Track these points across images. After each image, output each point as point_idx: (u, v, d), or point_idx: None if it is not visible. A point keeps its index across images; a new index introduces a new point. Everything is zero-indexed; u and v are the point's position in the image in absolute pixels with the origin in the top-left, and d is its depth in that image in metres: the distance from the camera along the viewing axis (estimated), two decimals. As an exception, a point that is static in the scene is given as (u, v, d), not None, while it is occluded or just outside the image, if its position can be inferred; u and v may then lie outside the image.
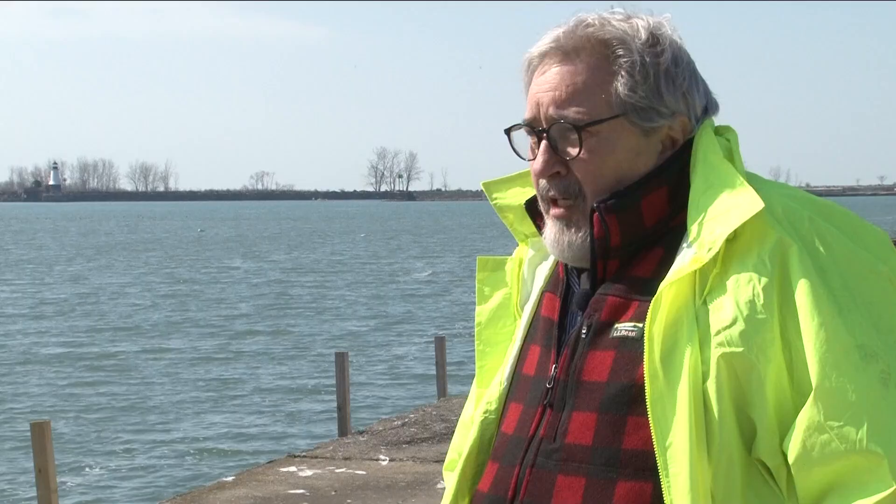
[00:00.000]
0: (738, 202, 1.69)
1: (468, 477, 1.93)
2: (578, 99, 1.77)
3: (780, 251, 1.67)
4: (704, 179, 1.76)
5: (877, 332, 1.65)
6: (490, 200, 2.01)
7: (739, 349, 1.63)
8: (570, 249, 1.80)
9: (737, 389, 1.65)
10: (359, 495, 9.55)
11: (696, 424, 1.64)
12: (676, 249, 1.74)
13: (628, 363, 1.72)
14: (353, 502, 9.34)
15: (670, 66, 1.79)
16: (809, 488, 1.63)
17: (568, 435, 1.75)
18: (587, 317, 1.79)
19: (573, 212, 1.80)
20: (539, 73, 1.82)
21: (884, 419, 1.60)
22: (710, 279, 1.68)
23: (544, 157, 1.80)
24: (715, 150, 1.79)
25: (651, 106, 1.77)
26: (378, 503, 9.31)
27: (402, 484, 9.87)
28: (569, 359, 1.79)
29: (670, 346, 1.67)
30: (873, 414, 1.60)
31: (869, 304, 1.67)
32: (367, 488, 9.80)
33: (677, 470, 1.63)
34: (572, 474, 1.73)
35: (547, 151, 1.79)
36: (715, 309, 1.66)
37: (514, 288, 1.99)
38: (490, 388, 1.95)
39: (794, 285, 1.64)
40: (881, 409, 1.60)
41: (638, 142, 1.78)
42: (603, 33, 1.78)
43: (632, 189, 1.77)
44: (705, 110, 1.84)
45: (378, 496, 9.50)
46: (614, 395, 1.71)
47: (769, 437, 1.64)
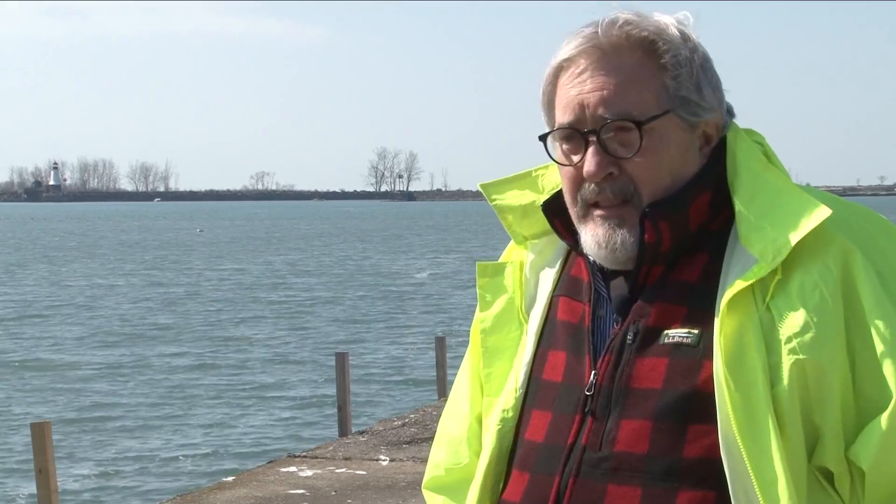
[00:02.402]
0: (801, 208, 1.68)
1: (489, 487, 1.87)
2: (628, 96, 1.74)
3: (844, 257, 1.66)
4: (751, 184, 1.74)
5: None
6: (489, 202, 1.97)
7: (812, 356, 1.62)
8: (622, 249, 1.75)
9: (805, 395, 1.63)
10: (359, 495, 9.54)
11: (775, 431, 1.62)
12: (721, 254, 1.73)
13: (686, 370, 1.69)
14: (354, 502, 9.34)
15: (704, 61, 1.78)
16: (881, 494, 1.62)
17: (617, 443, 1.71)
18: (632, 322, 1.75)
19: (625, 211, 1.75)
20: (574, 74, 1.77)
21: None
22: (771, 286, 1.66)
23: (597, 159, 1.74)
24: (756, 155, 1.78)
25: (695, 101, 1.76)
26: (378, 503, 9.31)
27: (403, 484, 9.87)
28: (612, 365, 1.75)
29: (738, 354, 1.65)
30: None
31: None
32: (367, 488, 9.79)
33: (773, 477, 1.60)
34: (626, 484, 1.69)
35: (598, 153, 1.74)
36: (782, 315, 1.65)
37: (518, 292, 1.94)
38: (503, 396, 1.88)
39: (861, 292, 1.64)
40: None
41: (686, 138, 1.77)
42: (641, 30, 1.75)
43: (682, 193, 1.74)
44: (728, 110, 1.83)
45: (378, 496, 9.50)
46: (672, 403, 1.68)
47: (835, 443, 1.63)
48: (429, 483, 2.03)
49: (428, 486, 2.02)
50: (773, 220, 1.68)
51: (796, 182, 1.79)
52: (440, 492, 2.00)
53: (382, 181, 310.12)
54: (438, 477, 2.01)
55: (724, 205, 1.76)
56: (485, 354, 1.94)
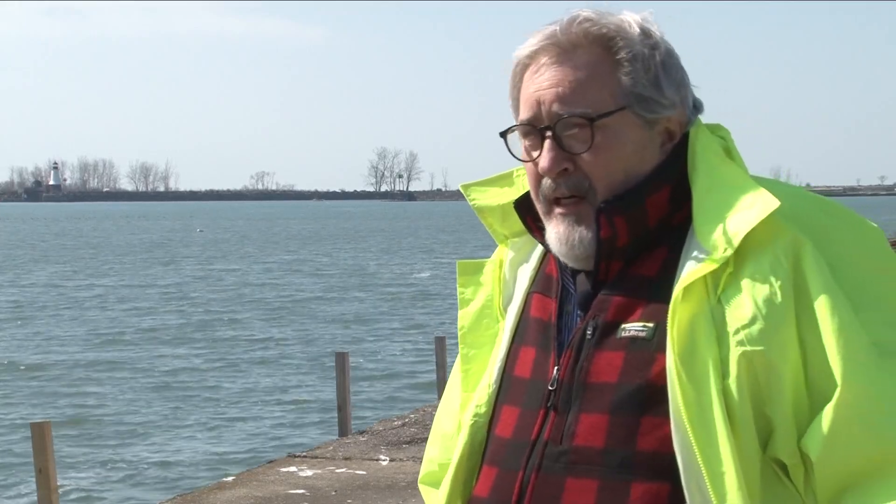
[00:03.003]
0: (752, 201, 1.69)
1: (460, 482, 1.90)
2: (583, 93, 1.76)
3: (795, 249, 1.67)
4: (707, 179, 1.75)
5: (891, 328, 1.66)
6: (469, 202, 2.00)
7: (760, 347, 1.63)
8: (580, 245, 1.77)
9: (755, 387, 1.64)
10: (359, 495, 9.55)
11: (726, 423, 1.63)
12: (680, 248, 1.74)
13: (640, 364, 1.71)
14: (354, 502, 9.34)
15: (665, 58, 1.79)
16: (831, 484, 1.63)
17: (576, 437, 1.73)
18: (591, 317, 1.77)
19: (581, 208, 1.78)
20: (534, 71, 1.80)
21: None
22: (723, 278, 1.67)
23: (551, 155, 1.77)
24: (715, 149, 1.80)
25: (653, 98, 1.77)
26: (378, 503, 9.31)
27: (403, 484, 9.87)
28: (573, 360, 1.77)
29: (690, 347, 1.66)
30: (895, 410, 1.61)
31: (880, 300, 1.68)
32: (367, 488, 9.79)
33: (724, 469, 1.62)
34: (583, 477, 1.71)
35: (553, 148, 1.77)
36: (732, 307, 1.66)
37: (496, 289, 1.97)
38: (477, 392, 1.91)
39: (810, 283, 1.65)
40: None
41: (643, 134, 1.78)
42: (600, 27, 1.77)
43: (638, 189, 1.76)
44: (693, 106, 1.84)
45: (378, 496, 9.50)
46: (627, 396, 1.70)
47: (787, 434, 1.64)
48: (424, 478, 2.06)
49: (423, 481, 2.06)
50: (724, 214, 1.70)
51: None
52: (435, 486, 2.02)
53: (382, 181, 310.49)
54: (433, 472, 2.04)
55: (685, 200, 1.77)
56: (463, 351, 1.98)
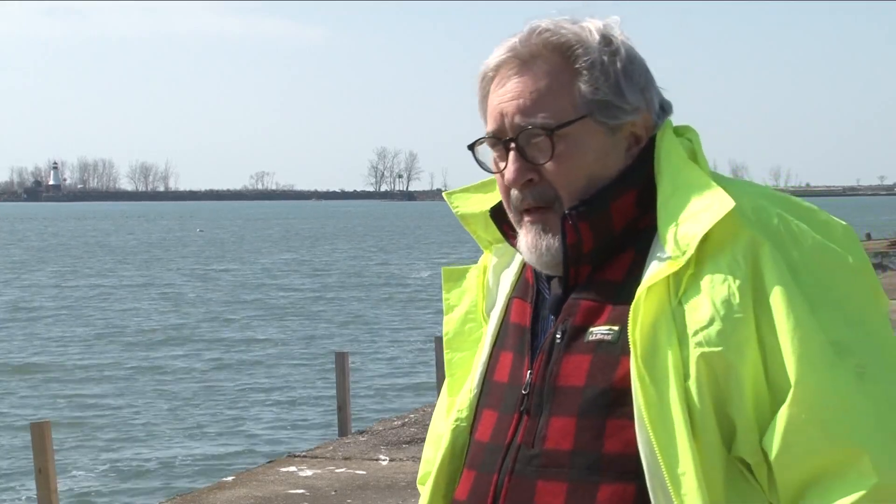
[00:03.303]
0: (709, 203, 1.71)
1: (441, 486, 1.93)
2: (543, 104, 1.78)
3: (753, 250, 1.69)
4: (671, 182, 1.77)
5: (849, 327, 1.67)
6: (452, 209, 2.02)
7: (718, 348, 1.65)
8: (548, 253, 1.80)
9: (716, 388, 1.66)
10: (359, 495, 9.55)
11: (687, 424, 1.65)
12: (647, 252, 1.76)
13: (605, 367, 1.73)
14: (353, 502, 9.34)
15: (627, 63, 1.81)
16: (790, 484, 1.65)
17: (547, 440, 1.75)
18: (561, 322, 1.80)
19: (548, 216, 1.80)
20: (497, 84, 1.83)
21: (862, 413, 1.62)
22: (683, 280, 1.70)
23: (515, 166, 1.80)
24: (678, 151, 1.81)
25: (614, 104, 1.79)
26: (378, 503, 9.32)
27: (403, 484, 9.87)
28: (544, 364, 1.79)
29: (651, 349, 1.68)
30: (851, 409, 1.62)
31: (840, 299, 1.69)
32: (367, 488, 9.79)
33: (684, 469, 1.64)
34: (553, 479, 1.73)
35: (517, 160, 1.80)
36: (691, 309, 1.68)
37: (480, 295, 2.00)
38: (460, 396, 1.95)
39: (767, 284, 1.67)
40: (859, 404, 1.63)
41: (605, 141, 1.80)
42: (558, 37, 1.79)
43: (602, 194, 1.78)
44: (661, 108, 1.85)
45: (378, 496, 9.50)
46: (593, 399, 1.72)
47: (749, 434, 1.66)
48: (422, 479, 2.09)
49: (421, 482, 2.09)
50: (684, 216, 1.72)
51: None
52: None
53: (382, 181, 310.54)
54: (428, 473, 2.05)
55: (652, 203, 1.79)
56: (448, 357, 2.01)
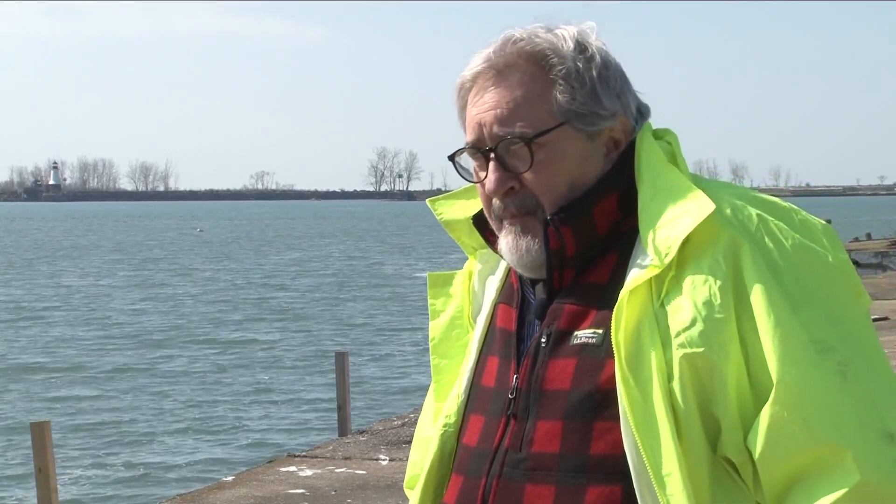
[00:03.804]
0: (689, 206, 1.73)
1: (430, 490, 1.94)
2: (521, 113, 1.79)
3: (733, 251, 1.70)
4: (651, 185, 1.79)
5: (831, 325, 1.69)
6: (436, 216, 2.04)
7: (700, 349, 1.66)
8: (528, 255, 1.81)
9: (699, 388, 1.67)
10: (359, 495, 9.55)
11: (672, 425, 1.66)
12: (630, 255, 1.77)
13: (590, 370, 1.74)
14: (353, 502, 9.34)
15: (602, 69, 1.82)
16: (774, 482, 1.66)
17: (534, 444, 1.76)
18: (546, 326, 1.81)
19: (527, 220, 1.81)
20: (475, 94, 1.84)
21: (845, 411, 1.64)
22: (665, 282, 1.71)
23: (496, 175, 1.81)
24: (658, 155, 1.83)
25: (591, 110, 1.80)
26: (378, 503, 9.32)
27: (402, 484, 9.86)
28: (530, 368, 1.81)
29: (635, 351, 1.69)
30: (834, 407, 1.64)
31: (821, 298, 1.70)
32: (367, 488, 9.79)
33: (669, 470, 1.65)
34: (541, 483, 1.74)
35: (497, 169, 1.81)
36: (673, 311, 1.69)
37: (466, 300, 2.02)
38: (448, 402, 1.96)
39: (748, 284, 1.68)
40: (841, 402, 1.64)
41: (584, 147, 1.81)
42: (533, 46, 1.81)
43: (584, 198, 1.80)
44: (639, 112, 1.86)
45: (378, 496, 9.50)
46: (578, 402, 1.73)
47: (733, 433, 1.67)
48: (409, 482, 2.12)
49: (408, 486, 2.11)
50: (665, 219, 1.73)
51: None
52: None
53: (382, 181, 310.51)
54: (416, 476, 2.07)
55: (635, 206, 1.80)
56: (434, 362, 2.02)
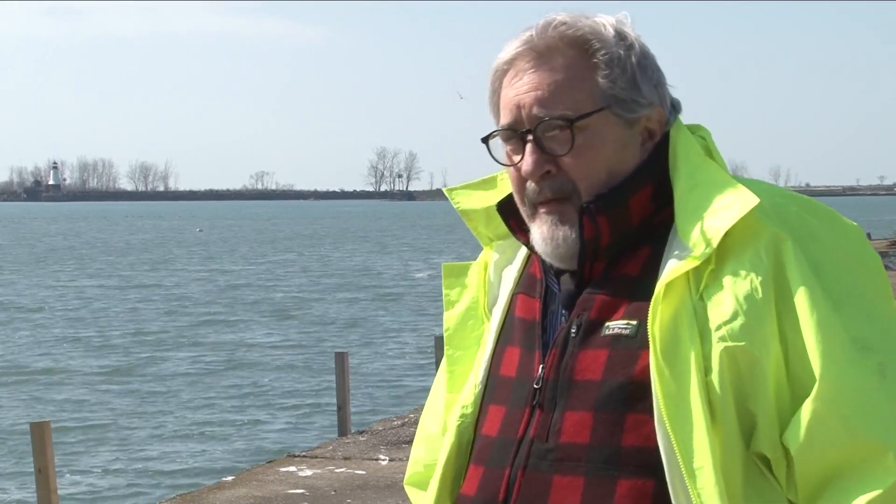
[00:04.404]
0: (731, 199, 1.72)
1: (448, 482, 1.92)
2: (562, 96, 1.78)
3: (775, 246, 1.69)
4: (689, 178, 1.78)
5: (870, 324, 1.68)
6: (454, 205, 2.02)
7: (742, 343, 1.65)
8: (564, 244, 1.79)
9: (738, 383, 1.66)
10: (359, 495, 9.55)
11: (707, 419, 1.65)
12: (663, 247, 1.76)
13: (624, 361, 1.72)
14: (353, 502, 9.34)
15: (641, 58, 1.82)
16: (811, 479, 1.65)
17: (562, 434, 1.75)
18: (576, 316, 1.79)
19: (564, 207, 1.80)
20: (512, 76, 1.83)
21: (885, 409, 1.63)
22: (704, 275, 1.70)
23: (533, 158, 1.79)
24: (695, 148, 1.82)
25: (631, 97, 1.79)
26: (378, 503, 9.32)
27: (402, 484, 9.86)
28: (558, 358, 1.79)
29: (672, 343, 1.68)
30: (874, 405, 1.63)
31: (860, 296, 1.70)
32: (367, 488, 9.80)
33: (701, 463, 1.64)
34: (569, 474, 1.72)
35: (535, 151, 1.79)
36: (714, 304, 1.68)
37: (481, 291, 2.00)
38: (463, 393, 1.94)
39: (790, 280, 1.67)
40: (881, 401, 1.64)
41: (623, 133, 1.80)
42: (575, 30, 1.80)
43: (621, 188, 1.79)
44: (672, 106, 1.86)
45: (378, 496, 9.51)
46: (610, 393, 1.72)
47: (770, 429, 1.66)
48: (410, 479, 2.09)
49: (409, 482, 2.09)
50: (706, 212, 1.72)
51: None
52: (421, 486, 2.05)
53: (382, 181, 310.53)
54: (418, 473, 2.06)
55: (668, 199, 1.79)
56: (449, 353, 2.00)
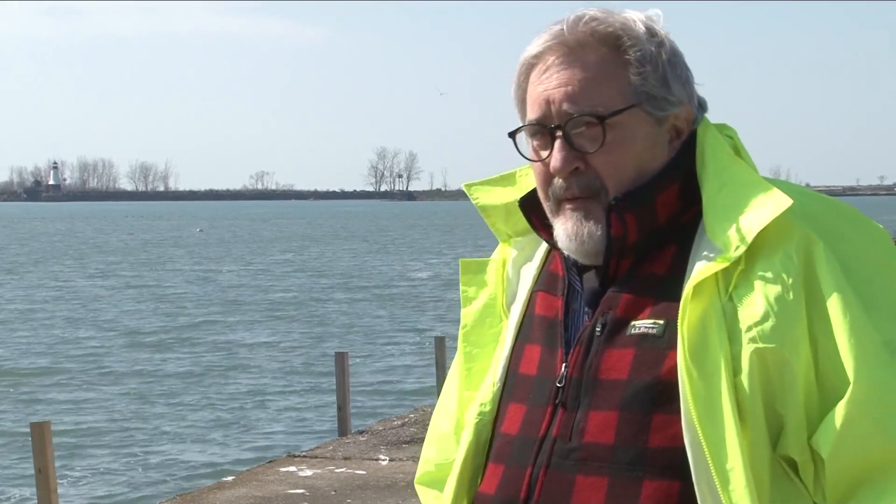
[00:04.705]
0: (763, 200, 1.70)
1: (465, 480, 1.90)
2: (592, 92, 1.76)
3: (806, 247, 1.67)
4: (717, 177, 1.76)
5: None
6: (472, 201, 2.00)
7: (772, 344, 1.63)
8: (590, 241, 1.77)
9: (767, 384, 1.65)
10: (359, 495, 9.55)
11: (736, 420, 1.63)
12: (690, 246, 1.74)
13: (651, 360, 1.71)
14: (353, 502, 9.34)
15: (671, 56, 1.80)
16: (841, 482, 1.63)
17: (586, 434, 1.73)
18: (601, 314, 1.77)
19: (590, 204, 1.78)
20: (541, 71, 1.80)
21: None
22: (734, 276, 1.68)
23: (562, 154, 1.77)
24: (723, 147, 1.80)
25: (661, 95, 1.78)
26: (378, 503, 9.32)
27: (402, 484, 9.87)
28: (582, 357, 1.77)
29: (701, 344, 1.66)
30: None
31: (891, 298, 1.69)
32: (367, 488, 9.80)
33: (732, 465, 1.62)
34: (593, 474, 1.71)
35: (564, 148, 1.77)
36: (744, 305, 1.66)
37: (499, 288, 1.97)
38: (481, 390, 1.92)
39: (822, 281, 1.65)
40: None
41: (652, 131, 1.78)
42: (606, 26, 1.78)
43: (648, 186, 1.77)
44: (699, 105, 1.85)
45: (378, 496, 9.51)
46: (637, 393, 1.70)
47: (798, 432, 1.65)
48: (421, 478, 2.06)
49: (420, 481, 2.06)
50: (736, 212, 1.70)
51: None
52: (432, 486, 2.02)
53: (382, 181, 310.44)
54: (429, 472, 2.04)
55: (694, 198, 1.78)
56: (466, 350, 1.98)
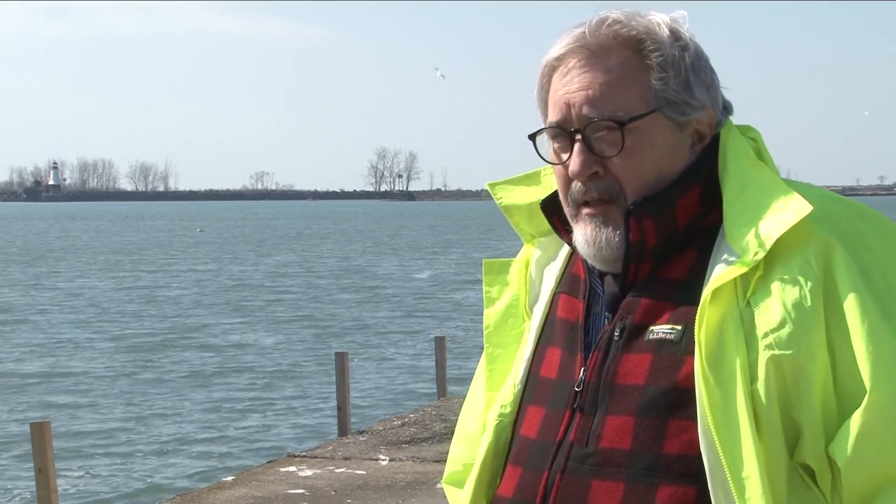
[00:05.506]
0: (783, 204, 1.68)
1: (484, 482, 1.89)
2: (613, 96, 1.74)
3: (825, 252, 1.66)
4: (738, 181, 1.74)
5: None
6: (496, 201, 1.98)
7: (789, 351, 1.62)
8: (608, 247, 1.76)
9: (783, 391, 1.63)
10: (359, 495, 9.55)
11: (753, 427, 1.62)
12: (710, 251, 1.73)
13: (668, 366, 1.69)
14: (353, 502, 9.34)
15: (695, 59, 1.78)
16: (858, 491, 1.62)
17: (602, 439, 1.72)
18: (619, 319, 1.76)
19: (609, 209, 1.76)
20: (562, 74, 1.78)
21: None
22: (752, 281, 1.66)
23: (581, 158, 1.76)
24: (745, 150, 1.78)
25: (683, 100, 1.76)
26: (378, 503, 9.32)
27: (402, 484, 9.87)
28: (600, 361, 1.76)
29: (718, 350, 1.65)
30: None
31: None
32: (366, 488, 9.80)
33: (749, 472, 1.61)
34: (609, 479, 1.70)
35: (583, 152, 1.75)
36: (761, 311, 1.64)
37: (522, 289, 1.96)
38: (502, 392, 1.90)
39: (840, 288, 1.63)
40: None
41: (673, 136, 1.77)
42: (629, 30, 1.76)
43: (668, 190, 1.75)
44: (724, 107, 1.83)
45: (378, 496, 9.51)
46: (653, 399, 1.69)
47: (815, 440, 1.63)
48: (448, 478, 2.05)
49: (447, 481, 2.05)
50: (756, 216, 1.69)
51: (795, 180, 1.79)
52: (459, 486, 2.01)
53: (382, 181, 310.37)
54: (456, 472, 2.03)
55: (715, 201, 1.76)
56: (489, 350, 1.96)
